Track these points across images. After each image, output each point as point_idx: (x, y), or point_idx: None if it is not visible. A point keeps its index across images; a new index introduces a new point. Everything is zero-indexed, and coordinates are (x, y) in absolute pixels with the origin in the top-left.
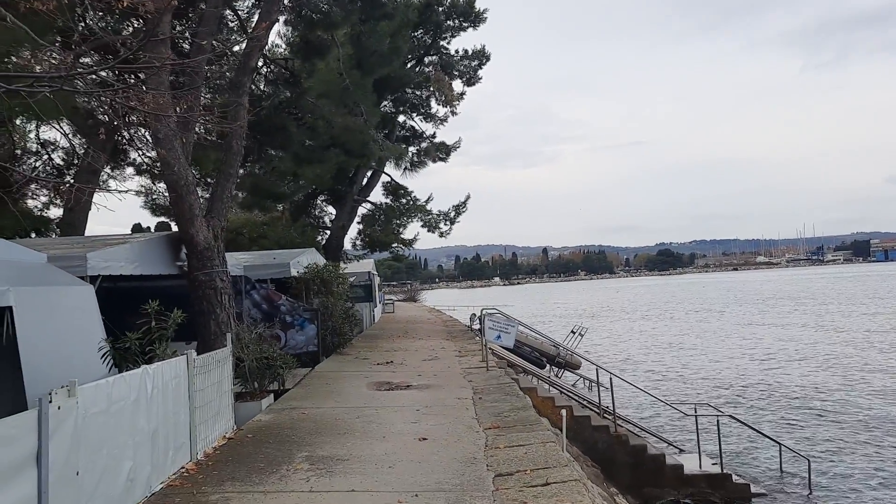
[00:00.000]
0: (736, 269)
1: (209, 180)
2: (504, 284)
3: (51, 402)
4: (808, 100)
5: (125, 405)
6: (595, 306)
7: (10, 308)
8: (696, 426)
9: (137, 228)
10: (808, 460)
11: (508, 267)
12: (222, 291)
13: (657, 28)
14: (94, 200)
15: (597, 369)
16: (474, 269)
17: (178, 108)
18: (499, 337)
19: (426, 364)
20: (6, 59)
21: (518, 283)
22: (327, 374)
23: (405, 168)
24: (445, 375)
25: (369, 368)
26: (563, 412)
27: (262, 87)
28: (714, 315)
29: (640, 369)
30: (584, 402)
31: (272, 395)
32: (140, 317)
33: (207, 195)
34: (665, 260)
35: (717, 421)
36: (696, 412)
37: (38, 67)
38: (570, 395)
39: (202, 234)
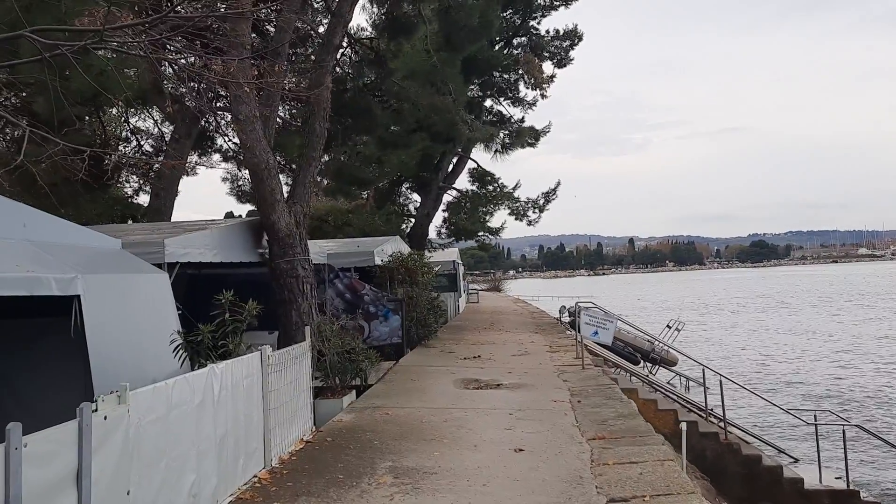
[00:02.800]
0: (836, 262)
1: (293, 167)
2: (589, 275)
3: (96, 410)
4: None
5: (188, 410)
6: (687, 299)
7: (79, 297)
8: (816, 436)
9: (230, 216)
10: None
11: (593, 257)
12: (304, 280)
13: (756, 6)
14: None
15: (703, 369)
16: (558, 258)
17: (259, 90)
18: (595, 333)
19: (516, 360)
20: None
21: (603, 274)
22: (412, 369)
23: (495, 151)
24: (537, 373)
25: (455, 363)
26: (682, 426)
27: (346, 69)
28: (822, 310)
29: (743, 368)
30: (689, 405)
31: (354, 392)
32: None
33: (292, 181)
34: (759, 251)
35: (843, 431)
36: (815, 420)
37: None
38: (674, 397)
39: (284, 219)
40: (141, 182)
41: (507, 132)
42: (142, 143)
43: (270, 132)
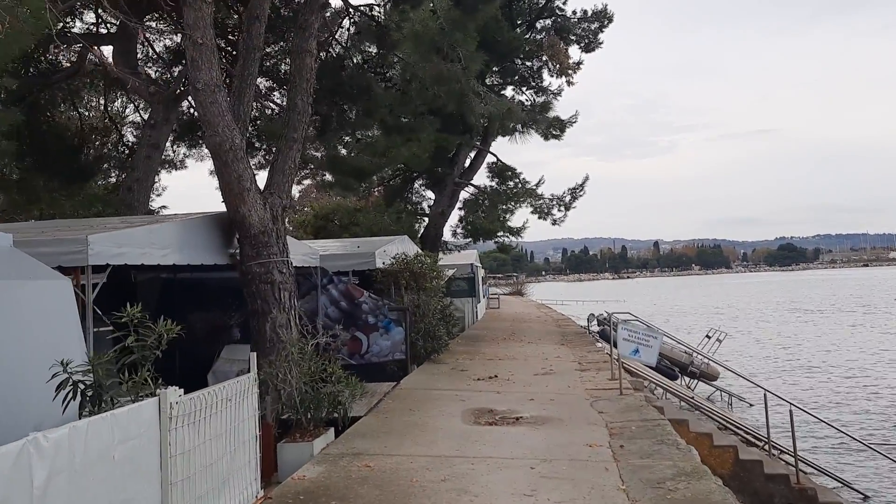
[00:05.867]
0: (866, 266)
1: None
2: (613, 278)
3: None
4: None
5: None
6: (719, 304)
7: None
8: None
9: None
10: None
11: (618, 260)
12: (281, 286)
13: (789, 6)
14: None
15: (764, 394)
16: (582, 262)
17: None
18: (636, 352)
19: (539, 381)
20: None
21: (628, 278)
22: (413, 394)
23: (514, 129)
24: (566, 401)
25: (467, 385)
26: None
27: (345, 43)
28: (875, 317)
29: (797, 387)
30: (744, 432)
31: (332, 430)
32: (205, 313)
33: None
34: (787, 255)
35: None
36: None
37: None
38: (730, 424)
39: (256, 213)
40: (122, 176)
41: (529, 108)
42: (122, 131)
43: (245, 108)
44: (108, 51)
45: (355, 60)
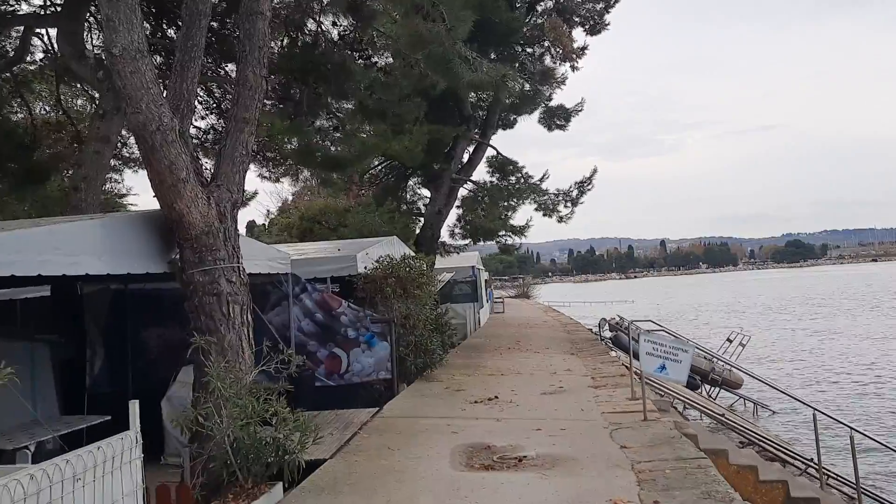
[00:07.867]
0: (875, 261)
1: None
2: (620, 278)
3: None
4: None
5: None
6: (732, 302)
7: None
8: None
9: (251, 227)
10: None
11: (624, 260)
12: (230, 299)
13: (793, 2)
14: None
15: (813, 414)
16: (588, 262)
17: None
18: (663, 368)
19: (547, 402)
20: None
21: (635, 277)
22: (396, 425)
23: (512, 102)
24: (580, 431)
25: (462, 410)
26: None
27: (319, 19)
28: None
29: (834, 396)
30: (786, 456)
31: (279, 486)
32: (162, 329)
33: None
34: (794, 251)
35: None
36: None
37: None
38: (760, 441)
39: (198, 209)
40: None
41: (528, 76)
42: (77, 127)
43: (190, 86)
44: (53, 34)
45: (329, 36)
